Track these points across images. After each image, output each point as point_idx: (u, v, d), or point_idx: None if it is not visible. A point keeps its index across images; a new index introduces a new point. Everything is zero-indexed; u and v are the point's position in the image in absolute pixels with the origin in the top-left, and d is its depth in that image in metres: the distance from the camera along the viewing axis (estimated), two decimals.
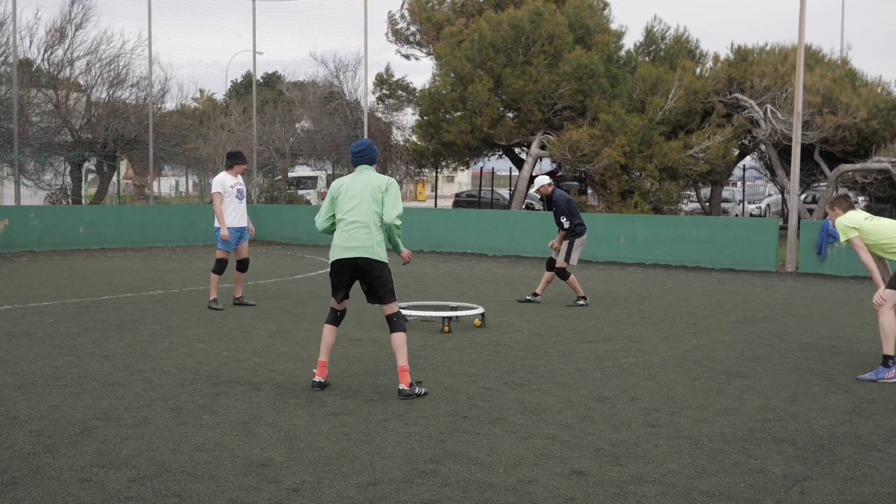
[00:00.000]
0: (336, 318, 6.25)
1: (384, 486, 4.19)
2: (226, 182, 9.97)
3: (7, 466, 4.40)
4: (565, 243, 10.62)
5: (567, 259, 10.63)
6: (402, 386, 5.90)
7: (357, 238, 6.02)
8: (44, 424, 5.14)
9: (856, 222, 6.90)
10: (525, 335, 8.39)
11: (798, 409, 5.72)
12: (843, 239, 6.93)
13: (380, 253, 6.03)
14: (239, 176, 10.13)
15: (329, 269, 6.23)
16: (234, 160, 10.08)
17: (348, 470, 4.40)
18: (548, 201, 11.13)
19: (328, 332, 6.20)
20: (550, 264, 10.83)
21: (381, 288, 6.06)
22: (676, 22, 63.47)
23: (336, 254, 6.08)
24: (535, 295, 10.93)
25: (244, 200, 10.11)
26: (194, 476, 4.28)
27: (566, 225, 10.51)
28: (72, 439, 4.85)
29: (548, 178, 10.95)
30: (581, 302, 10.67)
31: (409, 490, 4.14)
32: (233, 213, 10.03)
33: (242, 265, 10.21)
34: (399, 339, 5.99)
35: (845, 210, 7.02)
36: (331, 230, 6.28)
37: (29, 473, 4.30)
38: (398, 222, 6.11)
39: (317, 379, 6.11)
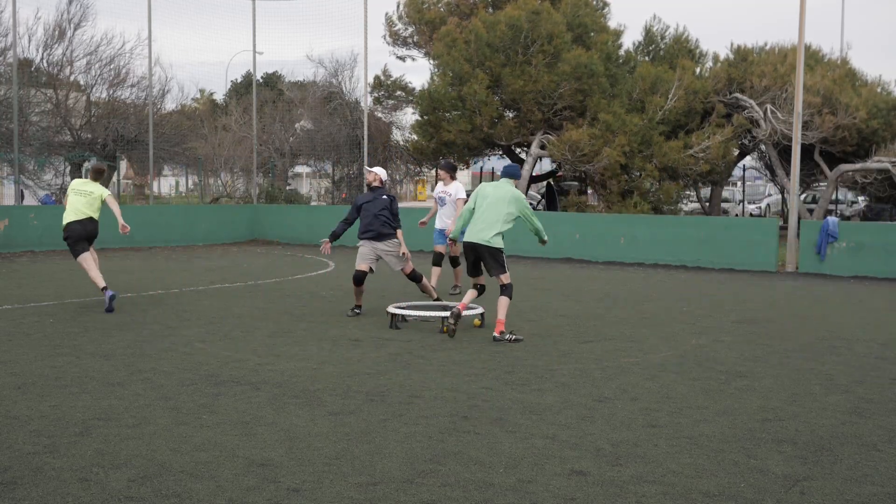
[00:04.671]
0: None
1: (384, 486, 4.19)
2: (435, 189, 11.65)
3: (7, 466, 4.40)
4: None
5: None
6: (495, 333, 8.00)
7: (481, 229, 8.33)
8: (44, 424, 5.14)
9: None
10: (525, 335, 8.39)
11: (798, 409, 5.72)
12: None
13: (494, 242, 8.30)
14: (449, 182, 11.39)
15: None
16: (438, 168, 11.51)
17: (348, 470, 4.40)
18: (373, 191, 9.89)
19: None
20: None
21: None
22: (676, 21, 63.46)
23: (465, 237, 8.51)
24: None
25: (446, 206, 11.36)
26: (194, 476, 4.28)
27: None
28: (72, 439, 4.85)
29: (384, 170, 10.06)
30: (356, 310, 9.70)
31: (409, 490, 4.14)
32: (438, 217, 11.45)
33: (451, 261, 11.44)
34: (503, 301, 8.21)
35: None
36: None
37: (29, 473, 4.30)
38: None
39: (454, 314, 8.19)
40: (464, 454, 4.67)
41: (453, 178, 11.53)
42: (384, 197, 9.65)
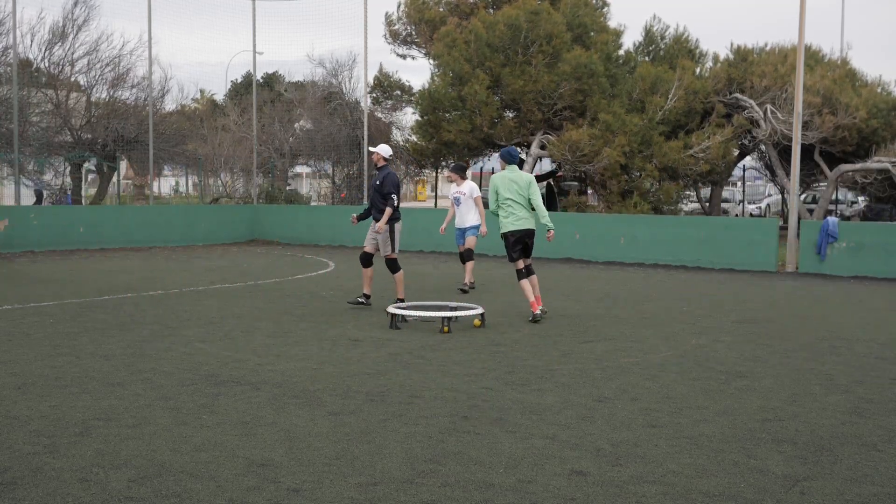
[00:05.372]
0: (524, 273, 9.21)
1: (384, 486, 4.19)
2: (449, 191, 12.27)
3: (7, 466, 4.40)
4: (387, 231, 9.82)
5: (394, 248, 9.88)
6: (536, 311, 9.05)
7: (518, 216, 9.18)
8: (44, 424, 5.14)
9: None
10: (525, 335, 8.39)
11: (798, 409, 5.72)
12: None
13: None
14: (461, 183, 11.98)
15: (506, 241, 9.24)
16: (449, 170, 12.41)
17: (348, 470, 4.40)
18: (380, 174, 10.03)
19: (526, 284, 9.18)
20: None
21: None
22: (676, 21, 63.48)
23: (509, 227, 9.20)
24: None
25: (461, 206, 11.99)
26: (194, 476, 4.28)
27: (395, 203, 9.73)
28: (72, 439, 4.85)
29: (389, 148, 10.06)
30: (361, 300, 10.09)
31: (409, 490, 4.14)
32: (456, 217, 12.08)
33: (463, 255, 11.92)
34: (533, 280, 9.19)
35: None
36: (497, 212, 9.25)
37: (29, 473, 4.30)
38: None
39: (537, 312, 9.06)
40: (464, 454, 4.67)
41: (464, 177, 12.08)
42: (378, 183, 9.94)
